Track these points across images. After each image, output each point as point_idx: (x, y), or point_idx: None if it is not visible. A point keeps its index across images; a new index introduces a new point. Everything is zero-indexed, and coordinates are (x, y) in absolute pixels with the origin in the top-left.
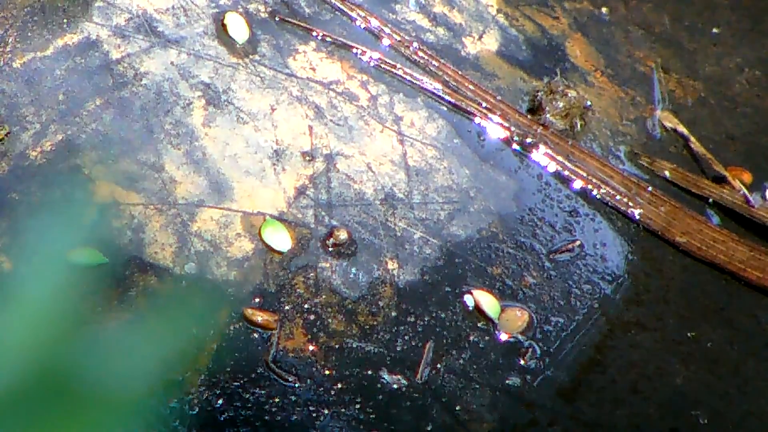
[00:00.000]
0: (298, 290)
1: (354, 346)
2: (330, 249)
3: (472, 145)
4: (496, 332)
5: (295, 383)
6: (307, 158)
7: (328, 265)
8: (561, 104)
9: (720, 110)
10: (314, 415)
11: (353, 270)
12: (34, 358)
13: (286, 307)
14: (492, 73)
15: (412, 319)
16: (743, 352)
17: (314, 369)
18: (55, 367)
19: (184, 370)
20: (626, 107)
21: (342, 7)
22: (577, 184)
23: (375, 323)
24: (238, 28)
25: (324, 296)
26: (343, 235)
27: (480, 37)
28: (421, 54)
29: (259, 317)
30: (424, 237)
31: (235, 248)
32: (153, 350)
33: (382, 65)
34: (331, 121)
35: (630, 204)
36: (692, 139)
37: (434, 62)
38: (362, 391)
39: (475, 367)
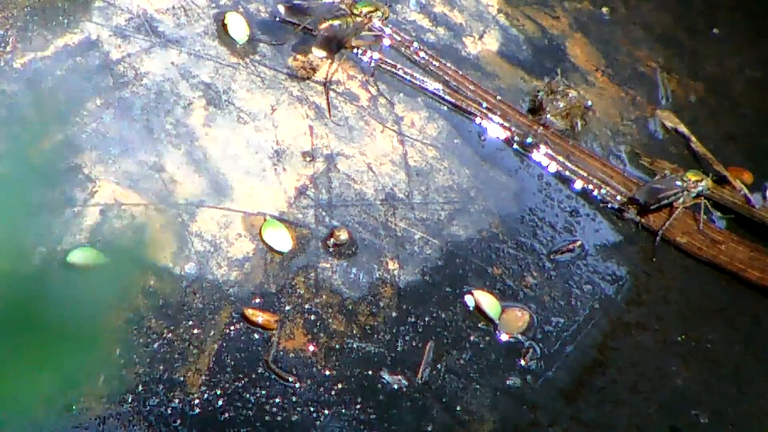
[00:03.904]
0: (298, 290)
1: (354, 346)
2: (330, 249)
3: (473, 146)
4: (497, 332)
5: (295, 383)
6: (308, 158)
7: (328, 265)
8: (561, 104)
9: (720, 110)
10: (315, 415)
11: (354, 270)
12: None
13: (287, 308)
14: (492, 73)
15: (413, 320)
16: (743, 352)
17: (315, 369)
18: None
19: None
20: (627, 107)
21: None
22: (578, 185)
23: (375, 323)
24: (238, 28)
25: (324, 296)
26: (343, 235)
27: (480, 37)
28: (421, 54)
29: (260, 317)
30: (424, 237)
31: (235, 248)
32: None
33: (383, 65)
34: (331, 121)
35: (631, 204)
36: (693, 139)
37: (435, 62)
38: (363, 392)
39: (475, 367)
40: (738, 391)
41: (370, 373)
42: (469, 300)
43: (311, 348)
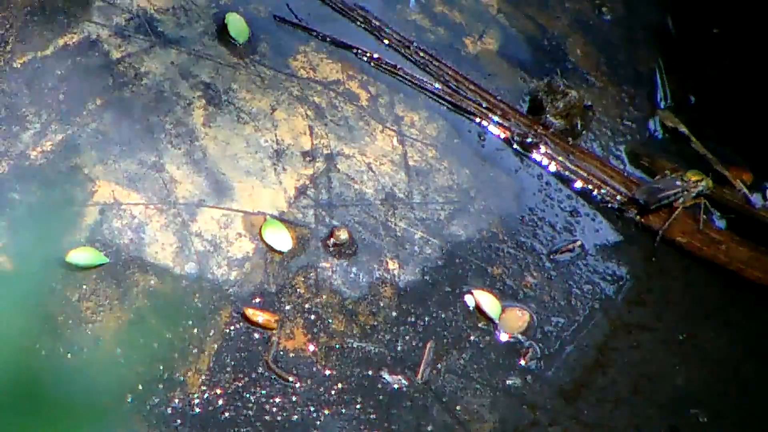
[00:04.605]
0: (298, 290)
1: (354, 346)
2: (330, 249)
3: (473, 145)
4: (497, 332)
5: (295, 383)
6: (308, 158)
7: (328, 265)
8: (561, 104)
9: (720, 110)
10: (315, 414)
11: (354, 270)
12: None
13: (287, 307)
14: (492, 72)
15: (413, 319)
16: (743, 352)
17: (315, 369)
18: (34, 372)
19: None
20: (627, 107)
21: (342, 7)
22: (578, 184)
23: (375, 323)
24: (238, 28)
25: (324, 296)
26: (343, 235)
27: (480, 37)
28: (421, 54)
29: (260, 317)
30: (424, 237)
31: (235, 248)
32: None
33: (382, 65)
34: (331, 121)
35: (631, 204)
36: (693, 139)
37: (434, 62)
38: (363, 391)
39: (475, 367)
40: (738, 391)
41: (370, 372)
42: (469, 300)
43: (311, 348)
